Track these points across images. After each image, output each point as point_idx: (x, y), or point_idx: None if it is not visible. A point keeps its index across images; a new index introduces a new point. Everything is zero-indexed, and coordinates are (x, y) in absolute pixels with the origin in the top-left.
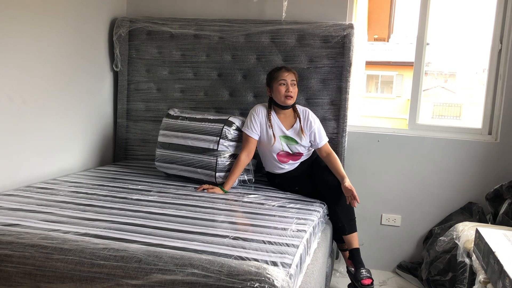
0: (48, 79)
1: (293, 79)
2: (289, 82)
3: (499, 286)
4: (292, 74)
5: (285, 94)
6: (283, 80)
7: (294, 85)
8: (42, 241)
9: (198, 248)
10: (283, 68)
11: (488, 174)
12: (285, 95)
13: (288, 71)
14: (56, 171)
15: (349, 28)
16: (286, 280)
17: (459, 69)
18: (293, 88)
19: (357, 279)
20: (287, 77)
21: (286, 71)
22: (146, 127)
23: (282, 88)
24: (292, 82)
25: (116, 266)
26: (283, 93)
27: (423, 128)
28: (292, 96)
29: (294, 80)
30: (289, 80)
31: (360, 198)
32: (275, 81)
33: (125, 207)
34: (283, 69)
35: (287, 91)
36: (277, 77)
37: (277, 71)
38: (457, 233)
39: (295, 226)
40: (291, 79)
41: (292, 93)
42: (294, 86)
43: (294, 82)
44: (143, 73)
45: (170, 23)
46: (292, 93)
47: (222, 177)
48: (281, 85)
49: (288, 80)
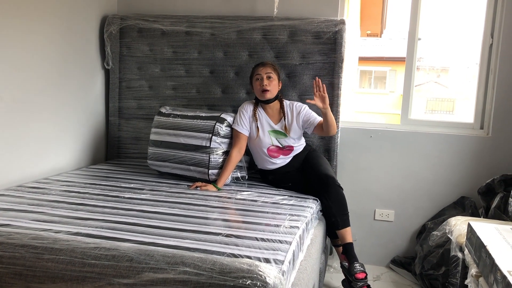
0: (38, 78)
1: (269, 71)
2: (264, 76)
3: (490, 279)
4: (268, 67)
5: (261, 88)
6: (258, 75)
7: (270, 78)
8: (32, 241)
9: (190, 246)
10: (259, 64)
11: (480, 169)
12: (260, 89)
13: (263, 66)
14: (48, 170)
15: (341, 24)
16: (278, 277)
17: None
18: (269, 81)
19: (351, 273)
20: (262, 71)
21: (262, 66)
22: (138, 125)
23: (257, 83)
24: (268, 75)
25: (107, 265)
26: (259, 87)
27: (415, 123)
28: (267, 89)
29: (270, 73)
30: (264, 73)
31: (353, 193)
32: (253, 77)
33: (117, 206)
34: (259, 65)
35: (261, 85)
36: (253, 73)
37: (254, 68)
38: (450, 227)
39: (288, 223)
40: (266, 72)
41: (267, 86)
42: (270, 79)
43: (270, 74)
44: (135, 70)
45: (161, 20)
46: (267, 86)
47: (215, 174)
48: (257, 80)
49: (263, 74)
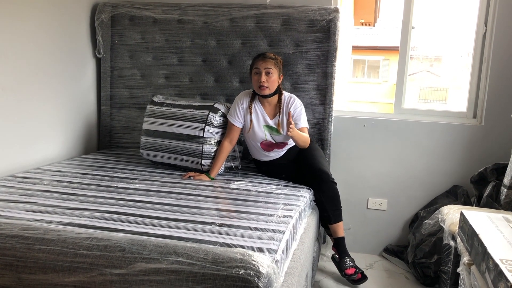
0: (28, 66)
1: (268, 67)
2: (263, 71)
3: (482, 267)
4: (268, 62)
5: (258, 84)
6: (257, 69)
7: (269, 74)
8: (23, 231)
9: (183, 236)
10: (260, 56)
11: (473, 157)
12: (258, 85)
13: (264, 60)
14: (39, 160)
15: (334, 12)
16: (271, 266)
17: (445, 53)
18: (267, 77)
19: (341, 269)
20: (261, 66)
21: (262, 60)
22: (131, 114)
23: (255, 78)
24: (267, 70)
25: (99, 255)
26: (256, 83)
27: (408, 112)
28: (265, 86)
29: (269, 68)
30: (263, 68)
31: (346, 182)
32: (252, 69)
33: (110, 196)
34: (260, 57)
35: (259, 81)
36: (253, 66)
37: (254, 59)
38: (442, 216)
39: (281, 212)
40: (266, 67)
41: (265, 83)
42: (269, 75)
43: (269, 70)
44: (127, 59)
45: (153, 7)
46: (265, 83)
47: (208, 164)
48: (255, 74)
49: (262, 69)
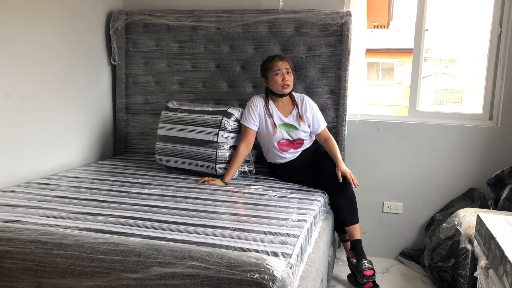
0: (44, 75)
1: (288, 67)
2: (284, 71)
3: (500, 271)
4: (286, 62)
5: (282, 83)
6: (279, 70)
7: (289, 73)
8: (41, 237)
9: (198, 240)
10: (276, 57)
11: (489, 160)
12: (282, 85)
13: (282, 60)
14: (57, 167)
15: (347, 16)
16: (286, 270)
17: (459, 54)
18: (289, 76)
19: (359, 270)
20: (282, 66)
21: (280, 60)
22: (146, 120)
23: (278, 78)
24: (287, 70)
25: (116, 260)
26: (280, 82)
27: (423, 115)
28: (289, 84)
29: (288, 68)
30: (284, 68)
31: (361, 186)
32: (271, 71)
33: (125, 201)
34: (277, 58)
35: (283, 80)
36: (272, 67)
37: (271, 61)
38: (459, 219)
39: (295, 216)
40: (286, 67)
41: (289, 81)
42: (289, 74)
43: (289, 70)
44: (141, 66)
45: (167, 15)
46: (289, 81)
47: (222, 169)
48: (277, 75)
49: (283, 69)
